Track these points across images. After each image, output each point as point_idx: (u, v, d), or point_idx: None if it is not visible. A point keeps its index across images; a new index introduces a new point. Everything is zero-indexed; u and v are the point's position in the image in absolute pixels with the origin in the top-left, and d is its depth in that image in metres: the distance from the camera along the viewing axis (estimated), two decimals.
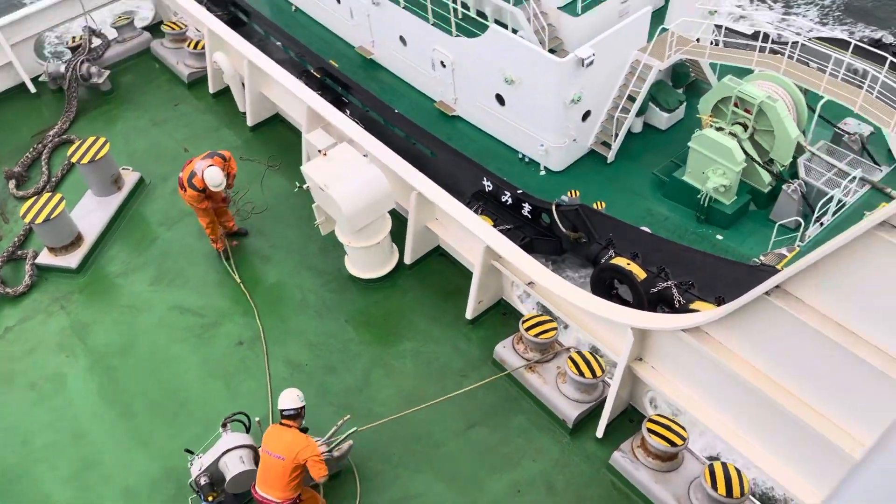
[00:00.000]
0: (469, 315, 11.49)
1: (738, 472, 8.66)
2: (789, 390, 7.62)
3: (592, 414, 10.06)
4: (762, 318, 7.32)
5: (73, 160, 13.59)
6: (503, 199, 19.37)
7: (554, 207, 18.21)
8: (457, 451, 10.13)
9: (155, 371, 11.54)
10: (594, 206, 18.23)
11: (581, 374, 9.77)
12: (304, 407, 9.13)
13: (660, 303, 16.71)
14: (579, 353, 10.04)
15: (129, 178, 14.43)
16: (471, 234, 11.21)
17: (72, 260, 13.09)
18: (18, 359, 11.97)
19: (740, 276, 15.98)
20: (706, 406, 8.94)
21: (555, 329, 10.36)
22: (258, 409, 10.45)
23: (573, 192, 18.78)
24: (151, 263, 13.13)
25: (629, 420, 10.08)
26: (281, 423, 9.05)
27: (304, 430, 9.09)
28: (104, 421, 11.01)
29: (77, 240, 13.26)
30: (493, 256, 11.03)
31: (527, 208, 19.00)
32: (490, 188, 19.64)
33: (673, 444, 8.99)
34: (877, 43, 20.69)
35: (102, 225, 13.60)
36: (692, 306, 15.81)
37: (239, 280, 12.51)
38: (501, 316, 11.67)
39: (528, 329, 10.37)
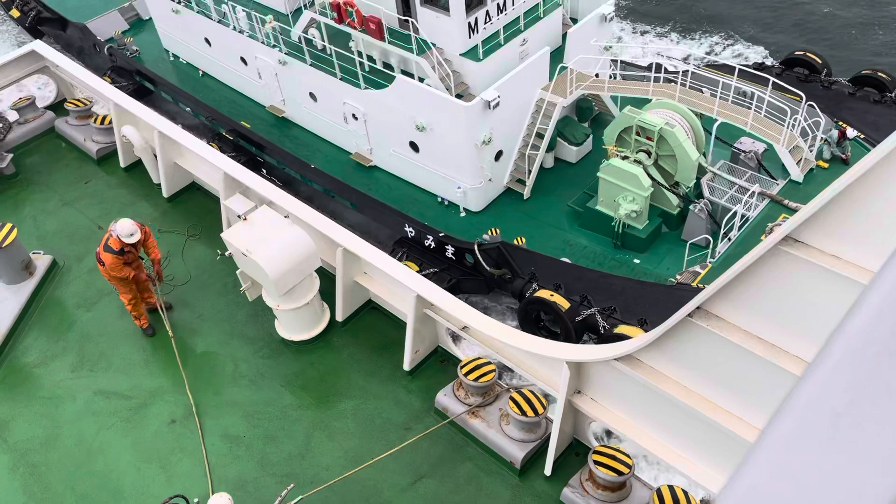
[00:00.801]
0: (407, 366, 11.23)
1: (686, 493, 8.65)
2: (722, 406, 7.71)
3: (539, 452, 9.89)
4: (688, 339, 7.39)
5: None
6: (426, 244, 19.35)
7: (476, 247, 18.30)
8: None
9: (83, 462, 10.74)
10: (515, 241, 18.40)
11: (523, 413, 9.62)
12: None
13: (586, 330, 16.89)
14: (520, 392, 9.92)
15: (42, 261, 13.61)
16: (400, 285, 11.01)
17: None
18: None
19: (659, 296, 16.36)
20: (648, 430, 8.95)
21: (494, 371, 10.22)
22: (196, 489, 9.87)
23: (493, 230, 18.93)
24: (71, 349, 12.34)
25: (575, 454, 9.96)
26: None
27: None
28: None
29: None
30: (424, 305, 10.85)
31: (450, 250, 19.01)
32: (412, 234, 19.60)
33: (619, 472, 8.92)
34: (760, 66, 21.89)
35: (15, 314, 12.72)
36: (617, 330, 16.03)
37: (171, 335, 11.99)
38: (440, 363, 11.44)
39: (466, 374, 10.18)
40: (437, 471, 10.07)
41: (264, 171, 22.48)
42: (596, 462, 8.99)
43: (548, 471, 9.72)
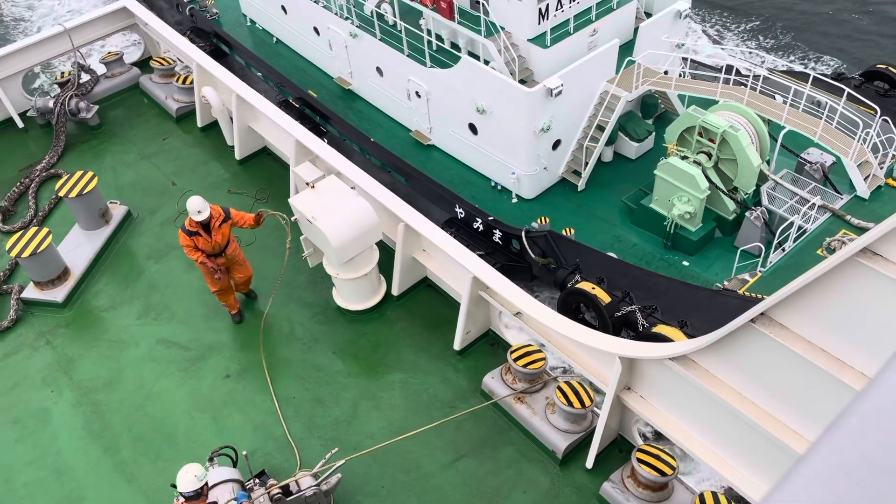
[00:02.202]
0: (457, 346, 11.06)
1: (729, 501, 8.35)
2: (776, 417, 7.37)
3: (582, 444, 9.65)
4: (748, 345, 7.07)
5: (61, 194, 12.97)
6: (475, 226, 19.08)
7: (523, 233, 17.95)
8: (446, 482, 9.66)
9: (141, 405, 10.92)
10: (563, 232, 17.99)
11: (570, 404, 9.38)
12: (206, 485, 8.13)
13: (624, 326, 16.44)
14: (568, 382, 9.67)
15: (117, 211, 13.81)
16: (458, 265, 10.81)
17: (58, 294, 12.42)
18: (2, 394, 11.27)
19: (703, 300, 15.78)
20: (695, 434, 8.64)
21: (543, 359, 9.99)
22: (245, 442, 9.92)
23: (543, 218, 18.53)
24: (138, 297, 12.50)
25: (619, 450, 9.69)
26: None
27: None
28: (89, 456, 10.36)
29: (63, 274, 12.59)
30: (480, 287, 10.64)
31: (497, 235, 18.71)
32: (462, 215, 19.34)
33: (662, 473, 8.64)
34: (838, 77, 20.79)
35: (89, 259, 12.95)
36: (655, 330, 15.57)
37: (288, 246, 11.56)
38: (489, 346, 11.25)
39: (516, 359, 9.97)
40: (479, 451, 9.92)
41: (325, 140, 22.46)
42: (640, 460, 8.72)
43: (589, 464, 9.49)
